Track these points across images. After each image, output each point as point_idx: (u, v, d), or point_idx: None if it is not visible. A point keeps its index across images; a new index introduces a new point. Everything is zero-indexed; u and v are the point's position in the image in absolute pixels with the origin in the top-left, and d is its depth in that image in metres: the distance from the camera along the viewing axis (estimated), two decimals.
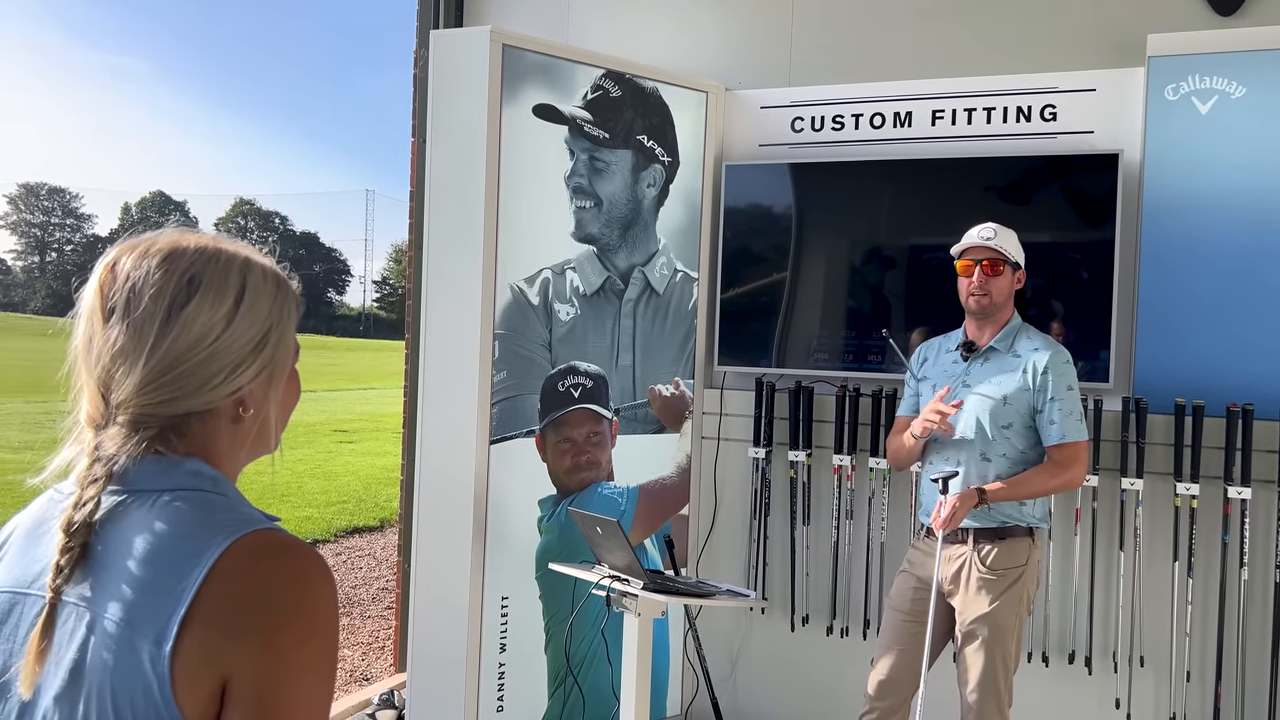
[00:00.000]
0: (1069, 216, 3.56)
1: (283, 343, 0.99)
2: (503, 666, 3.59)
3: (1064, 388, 2.84)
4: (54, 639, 0.87)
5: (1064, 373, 2.86)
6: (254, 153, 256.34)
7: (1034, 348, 2.90)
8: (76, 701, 0.85)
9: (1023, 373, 2.87)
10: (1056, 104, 3.64)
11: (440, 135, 3.57)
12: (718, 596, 3.03)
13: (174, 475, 0.92)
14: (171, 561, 0.86)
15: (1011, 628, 2.86)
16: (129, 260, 0.94)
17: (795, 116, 4.00)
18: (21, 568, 0.93)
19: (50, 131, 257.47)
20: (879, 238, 3.85)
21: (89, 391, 0.94)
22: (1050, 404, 2.83)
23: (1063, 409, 2.82)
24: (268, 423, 1.00)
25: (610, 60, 3.75)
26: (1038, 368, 2.85)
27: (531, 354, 3.63)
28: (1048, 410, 2.84)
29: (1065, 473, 2.83)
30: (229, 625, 0.84)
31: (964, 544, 2.90)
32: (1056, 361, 2.86)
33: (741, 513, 4.01)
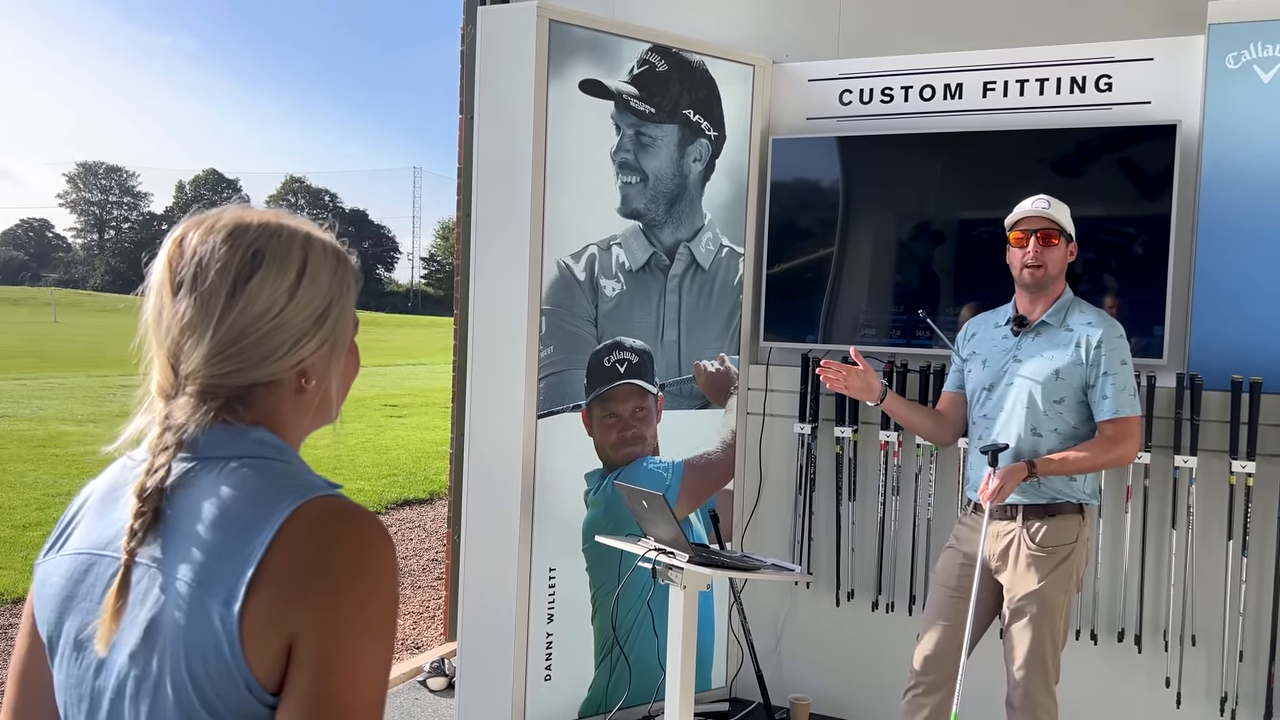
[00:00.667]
0: (1124, 189, 3.50)
1: (343, 316, 1.02)
2: (550, 636, 3.65)
3: (1117, 362, 2.79)
4: (128, 599, 0.91)
5: (1117, 347, 2.81)
6: (303, 131, 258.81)
7: (1087, 321, 2.85)
8: (150, 658, 0.89)
9: (1075, 347, 2.82)
10: (1112, 74, 3.56)
11: (487, 112, 3.59)
12: (763, 570, 3.05)
13: (241, 443, 0.95)
14: (239, 525, 0.90)
15: (1060, 605, 2.83)
16: (196, 235, 0.97)
17: (843, 89, 3.96)
18: (98, 531, 0.98)
19: (104, 111, 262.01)
20: (928, 212, 3.81)
21: (159, 363, 0.97)
22: (1103, 378, 2.79)
23: (1116, 384, 2.78)
24: (329, 394, 1.04)
25: (656, 34, 3.74)
26: (1091, 341, 2.80)
27: (578, 329, 3.66)
28: (1100, 385, 2.79)
29: (1117, 448, 2.78)
30: (294, 587, 0.88)
31: (1013, 520, 2.87)
32: (1110, 335, 2.81)
33: (786, 488, 4.02)
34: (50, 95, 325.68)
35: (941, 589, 3.01)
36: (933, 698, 2.96)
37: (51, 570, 0.99)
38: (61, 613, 0.96)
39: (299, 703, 0.87)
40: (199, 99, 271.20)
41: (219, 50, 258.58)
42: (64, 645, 0.96)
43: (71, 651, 0.95)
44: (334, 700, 0.87)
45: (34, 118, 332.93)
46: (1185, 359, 3.40)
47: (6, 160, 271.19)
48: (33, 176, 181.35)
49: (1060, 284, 2.93)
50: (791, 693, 3.89)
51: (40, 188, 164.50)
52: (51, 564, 0.99)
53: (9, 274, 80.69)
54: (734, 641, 4.01)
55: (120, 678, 0.91)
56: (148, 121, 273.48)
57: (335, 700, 0.87)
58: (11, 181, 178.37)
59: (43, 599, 0.99)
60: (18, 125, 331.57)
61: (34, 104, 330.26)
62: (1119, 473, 3.45)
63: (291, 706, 0.87)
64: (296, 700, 0.87)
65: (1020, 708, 2.83)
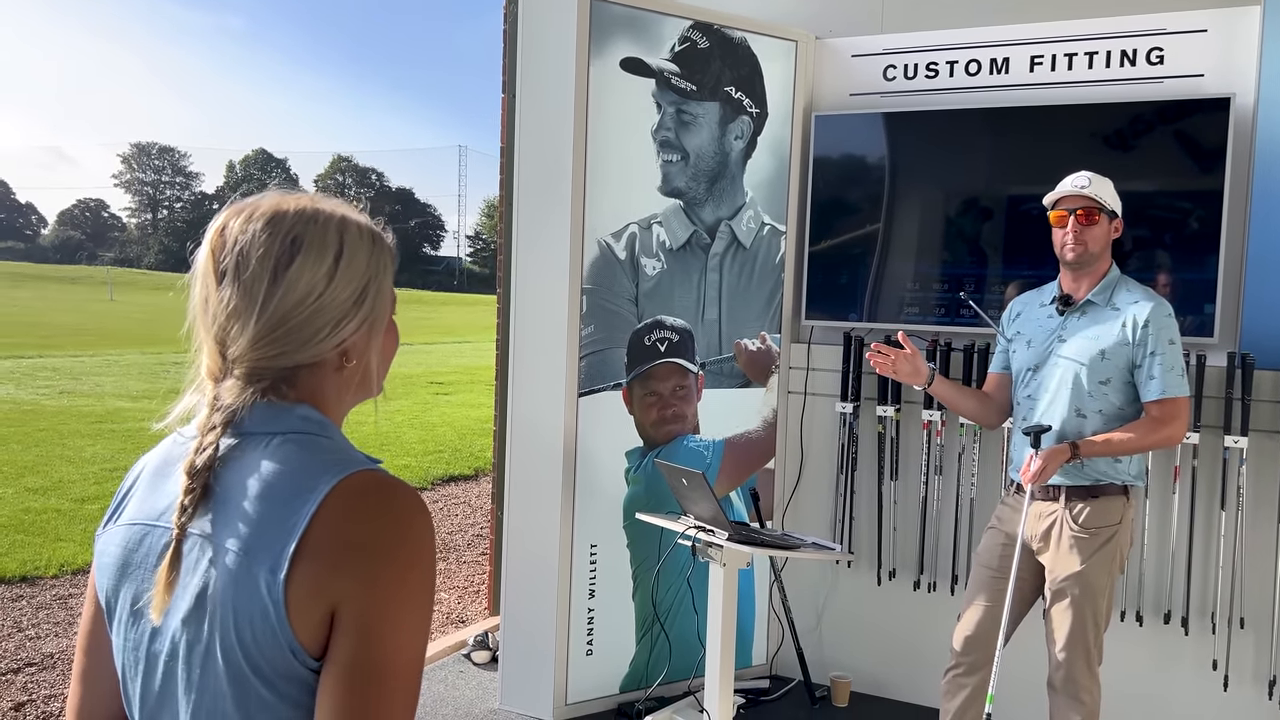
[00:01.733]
0: (1176, 164, 3.42)
1: (381, 295, 1.05)
2: (592, 612, 3.69)
3: (1165, 342, 2.73)
4: (180, 569, 0.95)
5: (1166, 326, 2.75)
6: (348, 109, 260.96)
7: (1134, 300, 2.79)
8: (202, 624, 0.94)
9: (1122, 326, 2.77)
10: (1164, 46, 3.48)
11: (529, 91, 3.61)
12: (803, 549, 3.06)
13: (285, 419, 0.99)
14: (284, 498, 0.94)
15: (1103, 587, 2.80)
16: (236, 224, 1.01)
17: (888, 65, 3.91)
18: (151, 503, 1.02)
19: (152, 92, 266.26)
20: (975, 188, 3.76)
21: (208, 347, 1.01)
22: (1150, 358, 2.73)
23: (1164, 364, 2.72)
24: (370, 370, 1.07)
25: (698, 11, 3.73)
26: (1138, 321, 2.74)
27: (618, 308, 3.67)
28: (1147, 365, 2.74)
29: (1164, 429, 2.73)
30: (336, 557, 0.91)
31: (1055, 501, 2.84)
32: (1158, 314, 2.74)
33: (828, 467, 4.02)
34: (99, 77, 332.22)
35: (983, 569, 2.99)
36: (973, 678, 2.96)
37: (109, 540, 1.04)
38: (118, 581, 1.01)
39: (341, 667, 0.91)
40: (246, 77, 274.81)
41: (264, 29, 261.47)
42: (121, 611, 1.01)
43: (129, 618, 1.00)
44: (375, 665, 0.91)
45: (83, 100, 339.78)
46: (1237, 338, 3.34)
47: (61, 142, 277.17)
48: (86, 158, 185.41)
49: (1105, 261, 2.87)
50: (832, 671, 3.90)
51: (94, 169, 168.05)
52: (109, 534, 1.04)
53: (66, 253, 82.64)
54: (775, 619, 4.02)
55: (174, 643, 0.96)
56: (196, 101, 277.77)
57: (376, 665, 0.91)
58: (66, 163, 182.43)
59: (101, 568, 1.04)
60: (68, 107, 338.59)
61: (82, 86, 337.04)
62: (1167, 453, 3.40)
63: (334, 671, 0.91)
64: (339, 665, 0.91)
65: (1062, 689, 2.82)
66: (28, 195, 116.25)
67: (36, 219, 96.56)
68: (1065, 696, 2.82)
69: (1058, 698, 2.84)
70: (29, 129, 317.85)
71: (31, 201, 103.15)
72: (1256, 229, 3.29)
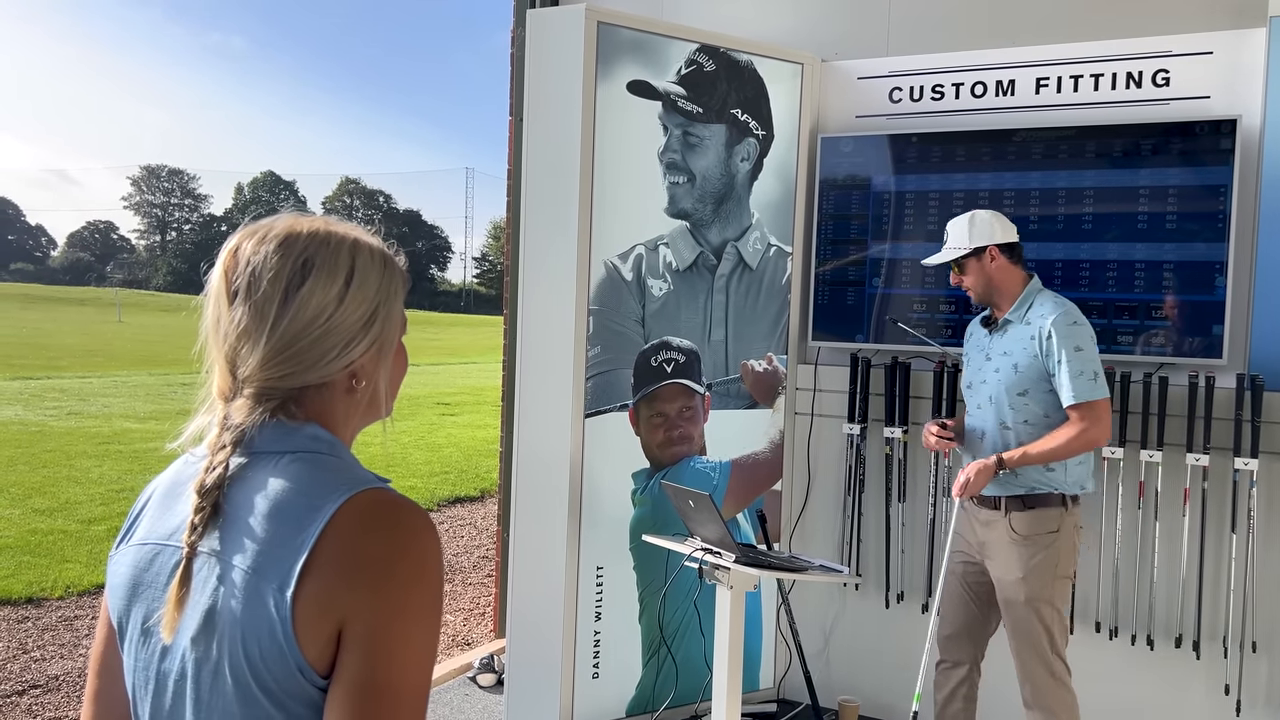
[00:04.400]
0: (1182, 186, 3.42)
1: (390, 318, 1.06)
2: (598, 635, 3.67)
3: (1071, 349, 2.84)
4: (190, 588, 0.96)
5: (1069, 334, 2.85)
6: (354, 130, 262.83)
7: (1042, 314, 2.92)
8: (211, 642, 0.94)
9: (1031, 339, 2.91)
10: (1170, 68, 3.49)
11: (536, 113, 3.63)
12: (810, 572, 3.04)
13: (294, 439, 1.00)
14: (292, 516, 0.94)
15: (1047, 594, 2.89)
16: (249, 245, 1.02)
17: (893, 87, 3.93)
18: (162, 523, 1.03)
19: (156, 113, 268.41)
20: (981, 210, 3.76)
21: (218, 367, 1.02)
22: (1059, 366, 2.85)
23: (1070, 370, 2.83)
24: (378, 392, 1.07)
25: (704, 34, 3.75)
26: (1043, 332, 2.88)
27: (625, 329, 3.68)
28: (1058, 373, 2.86)
29: (1083, 433, 2.83)
30: (343, 574, 0.91)
31: (997, 510, 2.97)
32: (1061, 324, 2.86)
33: (835, 489, 4.00)
34: (99, 99, 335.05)
35: (950, 575, 3.16)
36: (960, 669, 3.14)
37: (120, 561, 1.04)
38: (129, 600, 1.01)
39: (348, 685, 0.91)
40: (250, 98, 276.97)
41: (266, 49, 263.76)
42: (132, 631, 1.01)
43: (139, 637, 1.00)
44: (381, 683, 0.91)
45: (84, 122, 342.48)
46: (1246, 359, 3.32)
47: (66, 165, 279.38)
48: (90, 179, 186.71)
49: (1011, 283, 3.03)
50: (840, 694, 3.87)
51: (98, 190, 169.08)
52: (120, 555, 1.05)
53: (76, 275, 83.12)
54: (782, 642, 4.00)
55: (183, 662, 0.96)
56: (199, 123, 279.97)
57: (382, 683, 0.91)
58: (71, 185, 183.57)
59: (113, 588, 1.04)
60: (70, 130, 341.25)
61: (83, 108, 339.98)
62: (1176, 475, 3.38)
63: (341, 688, 0.91)
64: (345, 682, 0.91)
65: (1032, 703, 2.91)
66: (37, 217, 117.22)
67: (46, 241, 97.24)
68: (1037, 710, 2.90)
69: (1031, 713, 2.92)
70: (32, 152, 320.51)
71: (41, 224, 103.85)
72: (1264, 249, 3.29)
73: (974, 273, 3.03)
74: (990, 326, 3.08)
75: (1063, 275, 3.59)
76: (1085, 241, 3.55)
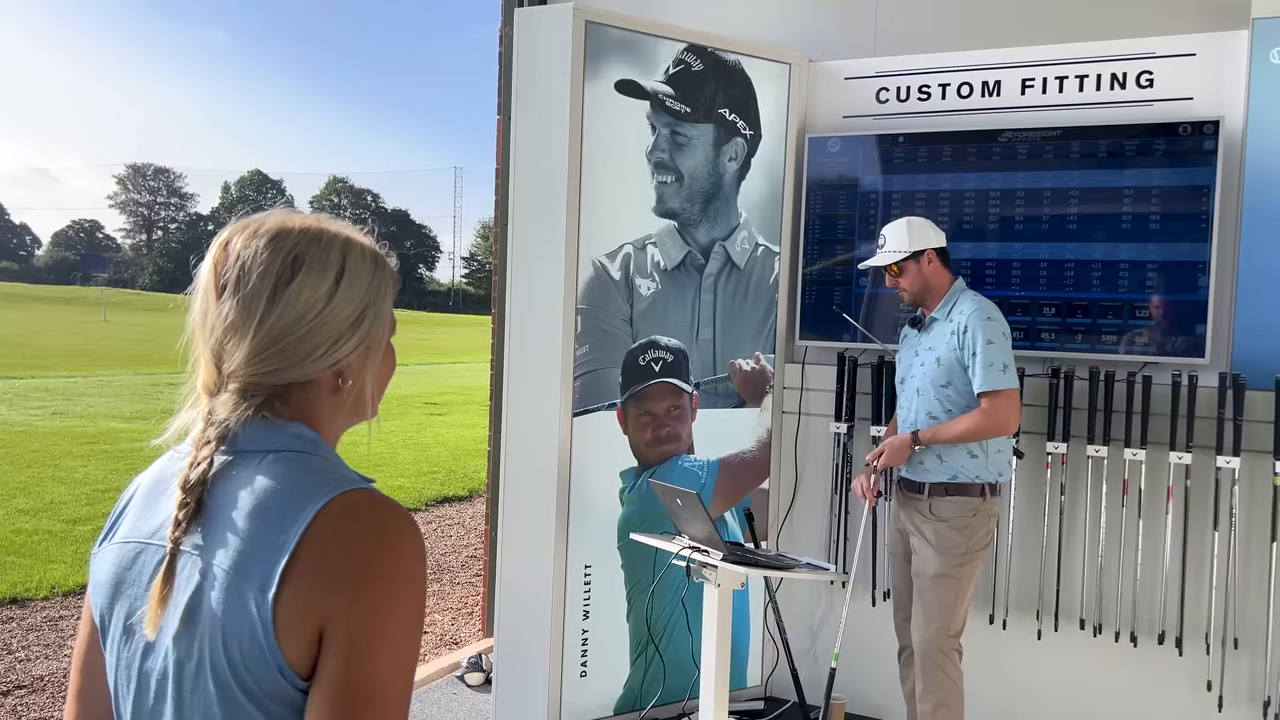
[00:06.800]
0: (1166, 187, 3.45)
1: (379, 318, 1.06)
2: (586, 634, 3.68)
3: (983, 342, 3.05)
4: (174, 585, 0.95)
5: (982, 328, 3.06)
6: (341, 126, 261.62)
7: (962, 311, 3.14)
8: (192, 641, 0.94)
9: (951, 334, 3.14)
10: (1154, 70, 3.51)
11: (524, 112, 3.63)
12: (797, 570, 3.06)
13: (278, 437, 0.99)
14: (275, 516, 0.93)
15: (951, 575, 3.10)
16: (240, 240, 1.01)
17: (880, 87, 3.94)
18: (145, 521, 1.02)
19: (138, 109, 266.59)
20: (966, 210, 3.79)
21: (204, 361, 1.02)
22: (972, 359, 3.07)
23: (982, 361, 3.05)
24: (364, 392, 1.07)
25: (692, 34, 3.75)
26: (960, 326, 3.11)
27: (613, 328, 3.68)
28: (971, 364, 3.08)
29: (990, 418, 3.05)
30: (325, 576, 0.91)
31: (921, 494, 3.19)
32: (976, 319, 3.08)
33: (822, 488, 4.02)
34: (78, 93, 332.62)
35: (894, 558, 3.39)
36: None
37: (103, 559, 1.04)
38: (112, 599, 1.01)
39: (329, 688, 0.90)
40: (235, 94, 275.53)
41: (250, 44, 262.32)
42: (114, 630, 1.01)
43: (121, 635, 1.00)
44: (363, 685, 0.90)
45: (65, 120, 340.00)
46: (1228, 358, 3.35)
47: (49, 163, 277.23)
48: (72, 177, 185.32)
49: (939, 283, 3.24)
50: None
51: (80, 188, 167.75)
52: (103, 553, 1.04)
53: (60, 274, 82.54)
54: (769, 640, 4.01)
55: (165, 660, 0.96)
56: (183, 119, 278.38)
57: (364, 685, 0.90)
58: (52, 183, 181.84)
59: (96, 586, 1.04)
60: (51, 127, 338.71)
61: (63, 105, 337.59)
62: (1159, 473, 3.41)
63: (322, 692, 0.90)
64: (326, 684, 0.90)
65: (921, 675, 3.15)
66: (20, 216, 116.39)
67: (31, 239, 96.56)
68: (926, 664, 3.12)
69: (919, 685, 3.16)
70: (9, 148, 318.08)
71: (26, 222, 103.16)
72: (1247, 249, 3.32)
73: (911, 274, 3.22)
74: (918, 326, 3.30)
75: (1047, 275, 3.62)
76: (1069, 241, 3.57)
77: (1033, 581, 3.64)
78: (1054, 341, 3.58)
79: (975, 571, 3.18)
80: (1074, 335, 3.56)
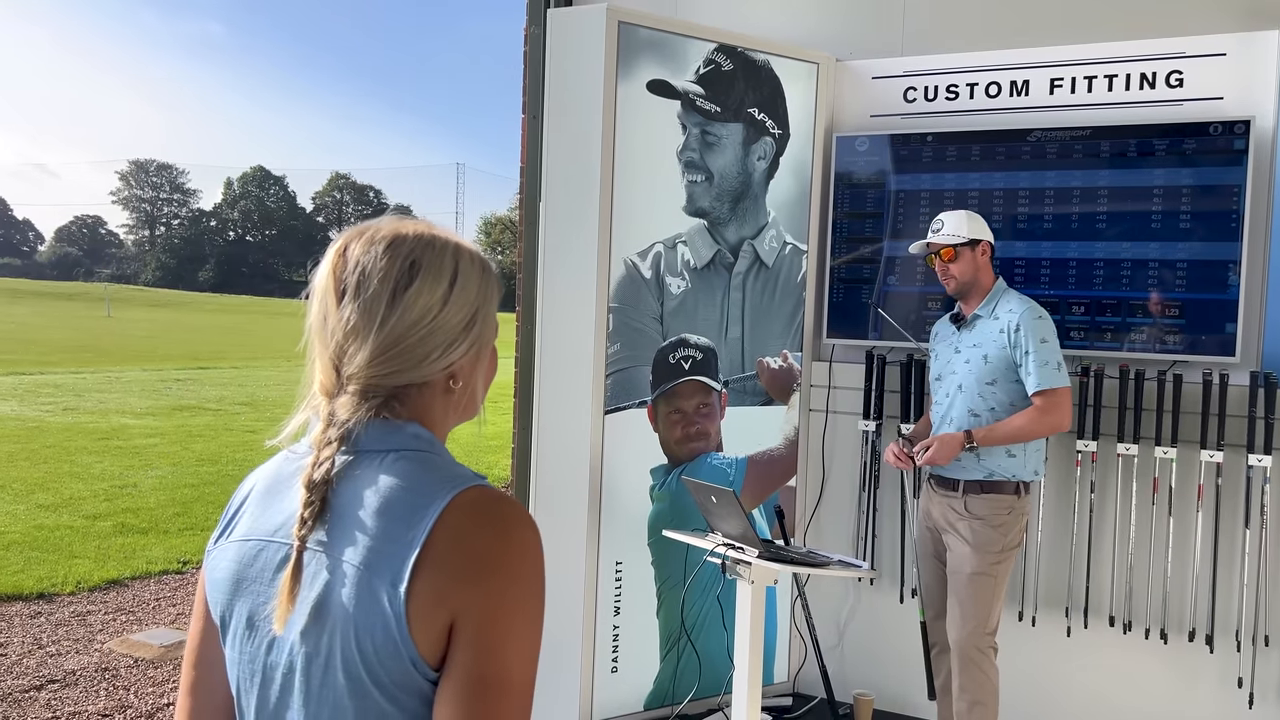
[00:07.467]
0: (1196, 186, 3.47)
1: (488, 322, 1.09)
2: (617, 629, 3.70)
3: (1037, 341, 3.07)
4: (300, 581, 0.97)
5: (1035, 327, 3.09)
6: (341, 121, 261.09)
7: (1009, 309, 3.16)
8: (321, 635, 0.96)
9: (1000, 332, 3.15)
10: (1184, 69, 3.53)
11: (557, 112, 3.64)
12: (831, 567, 3.08)
13: (397, 437, 1.02)
14: (402, 513, 0.96)
15: (988, 573, 3.13)
16: (358, 246, 1.04)
17: (908, 87, 3.96)
18: (265, 519, 1.04)
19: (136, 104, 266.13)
20: (994, 209, 3.80)
21: (322, 364, 1.04)
22: (1026, 357, 3.08)
23: (1037, 360, 3.06)
24: (474, 393, 1.10)
25: (722, 34, 3.77)
26: (1012, 325, 3.11)
27: (643, 326, 3.70)
28: (1025, 363, 3.09)
29: (1047, 417, 3.07)
30: (455, 569, 0.94)
31: (955, 491, 3.21)
32: (1028, 318, 3.10)
33: (850, 485, 4.04)
34: (74, 87, 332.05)
35: (925, 557, 3.41)
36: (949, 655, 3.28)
37: (222, 556, 1.06)
38: (233, 595, 1.03)
39: (460, 679, 0.93)
40: (234, 86, 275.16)
41: (246, 35, 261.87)
42: (235, 625, 1.03)
43: (244, 631, 1.02)
44: (493, 675, 0.93)
45: (62, 114, 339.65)
46: (1259, 357, 3.37)
47: (47, 158, 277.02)
48: (69, 172, 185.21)
49: (986, 279, 3.26)
50: (855, 688, 3.91)
51: (78, 183, 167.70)
52: (221, 550, 1.06)
53: (64, 269, 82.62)
54: (797, 636, 4.03)
55: (291, 655, 0.98)
56: (182, 113, 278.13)
57: (494, 675, 0.93)
58: (49, 176, 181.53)
59: (214, 583, 1.06)
60: (45, 122, 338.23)
61: (56, 96, 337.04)
62: (1190, 472, 3.43)
63: (453, 683, 0.93)
64: (458, 675, 0.93)
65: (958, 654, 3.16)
66: (24, 211, 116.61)
67: (34, 235, 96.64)
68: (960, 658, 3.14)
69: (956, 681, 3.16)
70: (5, 141, 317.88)
71: (29, 218, 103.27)
72: (1277, 248, 3.34)
73: (965, 261, 3.22)
74: (959, 323, 3.30)
75: (1076, 274, 3.63)
76: (1099, 240, 3.59)
77: (1062, 579, 3.66)
78: (1083, 340, 3.60)
79: (1009, 569, 3.20)
80: (1103, 334, 3.58)
